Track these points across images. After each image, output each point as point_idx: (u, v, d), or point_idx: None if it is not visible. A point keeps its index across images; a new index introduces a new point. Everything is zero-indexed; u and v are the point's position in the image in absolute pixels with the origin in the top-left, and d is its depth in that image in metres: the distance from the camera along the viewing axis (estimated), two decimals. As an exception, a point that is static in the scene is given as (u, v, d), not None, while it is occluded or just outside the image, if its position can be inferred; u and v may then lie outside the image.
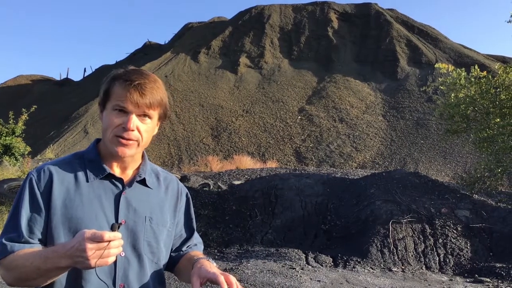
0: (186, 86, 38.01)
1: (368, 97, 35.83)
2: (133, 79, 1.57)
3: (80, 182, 1.61)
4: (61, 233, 1.54)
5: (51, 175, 1.60)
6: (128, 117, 1.57)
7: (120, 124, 1.57)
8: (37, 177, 1.59)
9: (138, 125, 1.59)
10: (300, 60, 41.89)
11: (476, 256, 8.41)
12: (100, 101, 1.65)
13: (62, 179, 1.60)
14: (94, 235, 1.36)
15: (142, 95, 1.57)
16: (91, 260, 1.36)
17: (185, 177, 15.42)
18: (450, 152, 27.31)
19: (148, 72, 1.66)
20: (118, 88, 1.58)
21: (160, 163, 27.45)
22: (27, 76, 55.46)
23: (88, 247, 1.35)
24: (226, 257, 8.33)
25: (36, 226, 1.55)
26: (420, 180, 11.15)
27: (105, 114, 1.61)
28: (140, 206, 1.66)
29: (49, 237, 1.55)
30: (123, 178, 1.67)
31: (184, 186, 1.90)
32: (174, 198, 1.81)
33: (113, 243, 1.38)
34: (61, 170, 1.62)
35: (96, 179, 1.62)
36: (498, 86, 11.15)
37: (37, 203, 1.56)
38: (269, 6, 47.76)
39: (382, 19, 43.82)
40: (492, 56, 41.18)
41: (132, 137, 1.59)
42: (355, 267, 7.85)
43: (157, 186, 1.76)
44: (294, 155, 29.48)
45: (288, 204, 10.72)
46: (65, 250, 1.39)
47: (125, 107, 1.57)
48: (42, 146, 29.13)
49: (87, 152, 1.71)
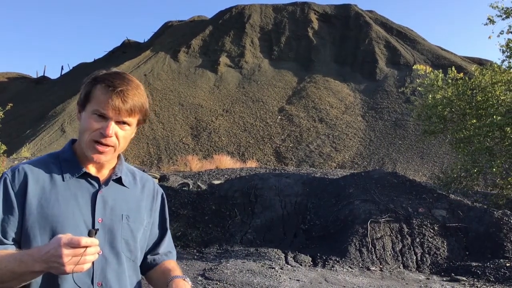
0: (165, 85, 37.74)
1: (347, 97, 36.10)
2: (116, 85, 1.55)
3: (56, 181, 1.59)
4: (37, 233, 1.52)
5: (26, 174, 1.57)
6: (108, 123, 1.56)
7: (99, 129, 1.56)
8: (11, 177, 1.57)
9: (116, 131, 1.58)
10: (280, 60, 41.98)
11: (453, 255, 8.54)
12: (79, 101, 1.63)
13: (37, 178, 1.58)
14: (70, 240, 1.34)
15: (124, 102, 1.56)
16: (67, 266, 1.34)
17: (164, 176, 15.30)
18: (427, 152, 27.69)
19: (131, 76, 1.64)
20: (100, 93, 1.56)
21: (139, 163, 27.22)
22: (3, 74, 54.38)
23: (64, 253, 1.33)
24: (205, 257, 8.30)
25: (10, 226, 1.52)
26: (398, 180, 11.27)
27: (84, 116, 1.59)
28: (116, 205, 1.65)
29: (25, 237, 1.53)
30: (99, 177, 1.65)
31: (159, 187, 1.90)
32: (150, 198, 1.81)
33: (90, 250, 1.36)
34: (36, 170, 1.60)
35: (72, 178, 1.61)
36: (474, 87, 11.33)
37: (11, 204, 1.53)
38: (249, 6, 47.73)
39: (361, 21, 44.22)
40: (469, 58, 41.91)
41: (109, 142, 1.58)
42: (334, 266, 7.90)
43: (134, 185, 1.76)
44: (274, 155, 29.53)
45: (267, 204, 10.73)
46: (40, 254, 1.37)
47: (105, 113, 1.55)
48: (18, 145, 28.58)
49: (62, 152, 1.69)
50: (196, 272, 7.01)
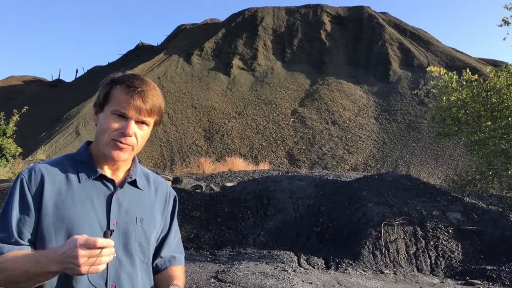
0: (178, 88, 37.93)
1: (360, 99, 35.94)
2: (136, 85, 1.58)
3: (72, 183, 1.60)
4: (52, 234, 1.53)
5: (42, 176, 1.58)
6: (128, 123, 1.58)
7: (119, 129, 1.58)
8: (28, 178, 1.57)
9: (135, 131, 1.60)
10: (293, 62, 41.94)
11: (467, 259, 8.45)
12: (97, 103, 1.64)
13: (53, 179, 1.59)
14: (86, 241, 1.35)
15: (145, 102, 1.59)
16: (82, 267, 1.35)
17: (177, 179, 15.37)
18: (441, 154, 27.45)
19: (147, 78, 1.67)
20: (120, 93, 1.58)
21: (152, 165, 27.37)
22: (19, 77, 55.08)
23: (80, 254, 1.34)
24: (218, 259, 8.31)
25: (26, 227, 1.53)
26: (411, 183, 11.19)
27: (103, 117, 1.61)
28: (131, 207, 1.66)
29: (40, 238, 1.54)
30: (114, 180, 1.67)
31: (172, 189, 1.92)
32: (163, 200, 1.82)
33: (105, 251, 1.37)
34: (52, 171, 1.61)
35: (88, 180, 1.62)
36: (489, 89, 11.22)
37: (28, 204, 1.54)
38: (262, 9, 47.79)
39: (374, 23, 44.01)
40: (484, 60, 41.48)
41: (129, 142, 1.59)
42: (347, 269, 7.86)
43: (148, 188, 1.77)
44: (287, 157, 29.49)
45: (280, 206, 10.72)
46: (56, 255, 1.38)
47: (126, 113, 1.58)
48: (34, 147, 28.94)
49: (78, 154, 1.70)
50: (209, 274, 7.03)
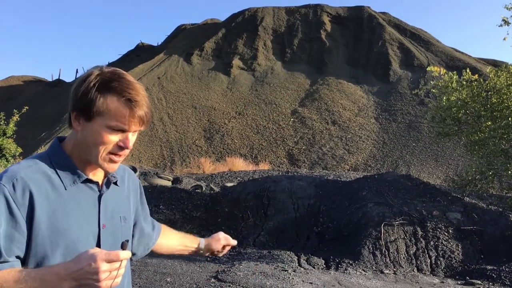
0: (178, 88, 37.92)
1: (360, 99, 35.94)
2: (135, 97, 1.45)
3: (58, 189, 1.47)
4: (49, 249, 1.41)
5: (27, 184, 1.41)
6: (126, 136, 1.48)
7: (116, 142, 1.47)
8: (11, 189, 1.38)
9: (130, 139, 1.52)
10: (293, 62, 41.94)
11: (467, 259, 8.45)
12: (83, 107, 1.46)
13: (38, 188, 1.43)
14: (108, 256, 1.27)
15: (146, 114, 1.48)
16: (103, 282, 1.27)
17: (177, 179, 15.39)
18: (441, 154, 27.45)
19: (134, 80, 1.52)
20: (118, 107, 1.44)
21: (152, 165, 27.37)
22: (19, 77, 55.06)
23: (103, 269, 1.26)
24: (218, 259, 8.31)
25: (15, 243, 1.37)
26: (412, 183, 11.19)
27: (95, 130, 1.46)
28: (115, 207, 1.61)
29: (33, 254, 1.41)
30: (98, 181, 1.58)
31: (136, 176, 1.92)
32: (137, 191, 1.82)
33: (123, 263, 1.31)
34: (35, 178, 1.44)
35: (73, 186, 1.50)
36: (489, 89, 11.22)
37: (15, 218, 1.37)
38: (262, 9, 47.78)
39: (374, 22, 44.01)
40: (484, 60, 41.47)
41: (126, 153, 1.52)
42: (347, 269, 7.86)
43: (122, 183, 1.71)
44: (287, 157, 29.50)
45: (280, 206, 10.72)
46: (69, 272, 1.28)
47: (127, 129, 1.47)
48: (34, 147, 28.92)
49: (53, 155, 1.54)
50: (209, 274, 7.03)
